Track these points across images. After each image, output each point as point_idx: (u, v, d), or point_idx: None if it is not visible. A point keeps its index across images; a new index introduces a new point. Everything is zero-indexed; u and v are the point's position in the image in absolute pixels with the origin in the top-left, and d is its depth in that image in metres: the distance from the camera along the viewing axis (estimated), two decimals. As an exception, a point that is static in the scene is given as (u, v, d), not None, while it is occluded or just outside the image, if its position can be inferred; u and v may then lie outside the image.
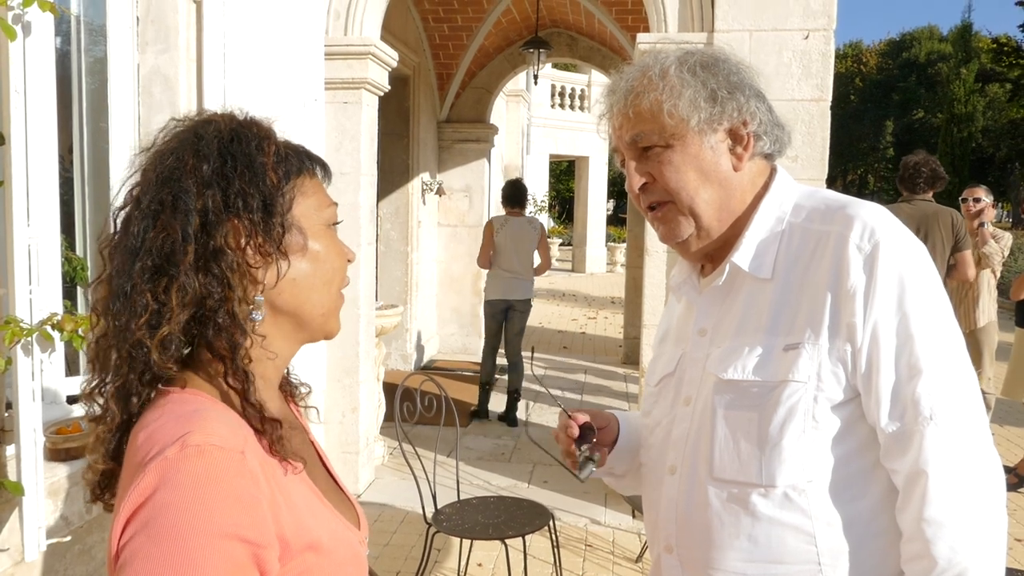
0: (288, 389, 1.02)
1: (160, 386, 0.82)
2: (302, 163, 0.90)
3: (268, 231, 0.83)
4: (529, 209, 16.06)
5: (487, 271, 5.95)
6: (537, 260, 6.04)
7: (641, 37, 3.82)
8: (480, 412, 5.93)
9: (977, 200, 5.12)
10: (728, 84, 1.14)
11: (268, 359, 0.87)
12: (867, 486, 1.08)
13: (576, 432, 1.24)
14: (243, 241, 0.82)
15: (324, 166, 0.94)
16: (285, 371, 0.98)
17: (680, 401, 1.20)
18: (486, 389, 5.96)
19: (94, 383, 0.84)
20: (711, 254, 1.20)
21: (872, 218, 1.07)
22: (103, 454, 0.83)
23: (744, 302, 1.14)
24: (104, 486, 0.86)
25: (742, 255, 1.14)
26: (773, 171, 1.20)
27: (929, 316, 1.03)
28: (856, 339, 1.03)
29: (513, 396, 5.83)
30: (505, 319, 5.89)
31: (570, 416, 1.26)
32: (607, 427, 1.34)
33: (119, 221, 0.84)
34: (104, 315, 0.82)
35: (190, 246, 0.79)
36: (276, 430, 0.81)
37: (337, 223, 0.93)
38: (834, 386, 1.05)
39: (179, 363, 0.82)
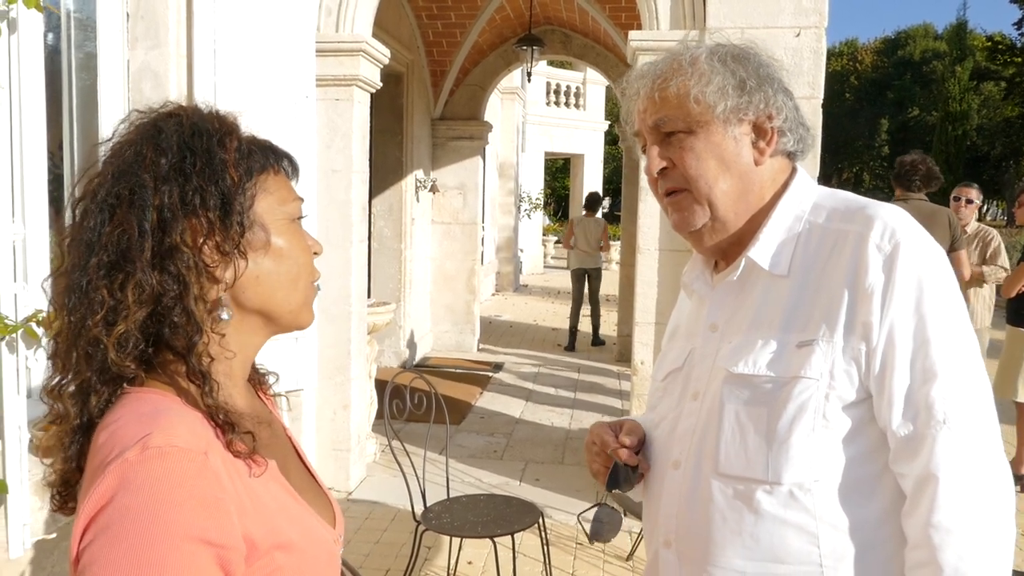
0: (256, 379, 1.01)
1: (125, 386, 0.80)
2: (266, 159, 0.88)
3: (226, 230, 0.81)
4: (523, 207, 16.21)
5: (568, 250, 9.30)
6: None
7: (633, 35, 3.82)
8: (570, 347, 8.76)
9: (969, 201, 5.11)
10: (757, 76, 1.14)
11: (226, 358, 0.85)
12: (875, 491, 1.06)
13: (624, 456, 1.19)
14: (200, 239, 0.80)
15: (291, 160, 0.92)
16: (252, 362, 0.96)
17: (688, 396, 1.18)
18: (573, 332, 8.83)
19: (54, 381, 0.81)
20: (725, 250, 1.18)
21: (893, 219, 1.06)
22: (61, 456, 0.81)
23: (758, 298, 1.13)
24: (67, 492, 0.83)
25: (759, 251, 1.12)
26: (794, 171, 1.19)
27: (946, 320, 1.02)
28: (871, 338, 1.02)
29: (595, 327, 9.02)
30: (588, 280, 8.99)
31: (616, 436, 1.21)
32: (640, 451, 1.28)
33: (77, 213, 0.81)
34: (60, 310, 0.79)
35: (147, 242, 0.77)
36: (232, 432, 0.79)
37: (301, 217, 0.91)
38: (846, 385, 1.04)
39: (142, 362, 0.80)
